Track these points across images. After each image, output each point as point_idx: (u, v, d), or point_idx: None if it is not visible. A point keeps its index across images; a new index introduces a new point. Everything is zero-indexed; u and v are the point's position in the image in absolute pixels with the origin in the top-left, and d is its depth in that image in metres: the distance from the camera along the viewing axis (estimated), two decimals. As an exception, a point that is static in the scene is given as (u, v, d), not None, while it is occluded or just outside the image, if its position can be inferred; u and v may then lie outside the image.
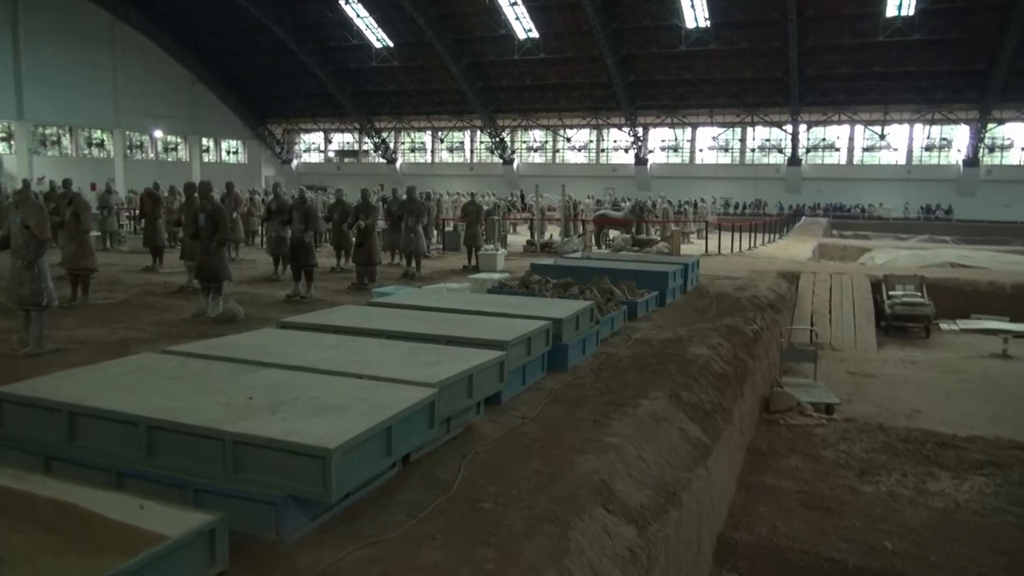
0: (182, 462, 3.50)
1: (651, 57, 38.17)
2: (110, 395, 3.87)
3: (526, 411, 5.35)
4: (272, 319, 9.05)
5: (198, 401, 3.81)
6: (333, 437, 3.30)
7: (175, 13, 39.71)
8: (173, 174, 39.70)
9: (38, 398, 3.81)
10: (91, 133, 40.50)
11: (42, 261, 6.67)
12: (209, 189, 8.75)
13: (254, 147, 49.25)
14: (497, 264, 13.81)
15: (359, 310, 6.89)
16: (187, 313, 9.10)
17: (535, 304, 7.46)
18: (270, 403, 3.81)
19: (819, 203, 40.30)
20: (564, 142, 45.74)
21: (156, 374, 4.33)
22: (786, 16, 32.70)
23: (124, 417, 3.60)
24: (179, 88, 42.74)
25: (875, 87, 36.94)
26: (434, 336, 5.63)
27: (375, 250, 11.39)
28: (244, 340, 5.39)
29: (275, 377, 4.32)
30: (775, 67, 36.80)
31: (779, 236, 27.11)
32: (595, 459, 4.37)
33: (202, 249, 8.57)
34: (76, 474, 3.62)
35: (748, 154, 43.07)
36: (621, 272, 10.35)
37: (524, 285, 10.12)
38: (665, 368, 6.66)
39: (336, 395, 3.98)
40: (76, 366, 6.51)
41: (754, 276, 13.77)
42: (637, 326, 8.70)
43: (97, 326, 8.20)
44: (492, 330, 5.83)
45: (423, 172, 46.77)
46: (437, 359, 4.84)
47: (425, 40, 38.40)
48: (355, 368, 4.57)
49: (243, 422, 3.50)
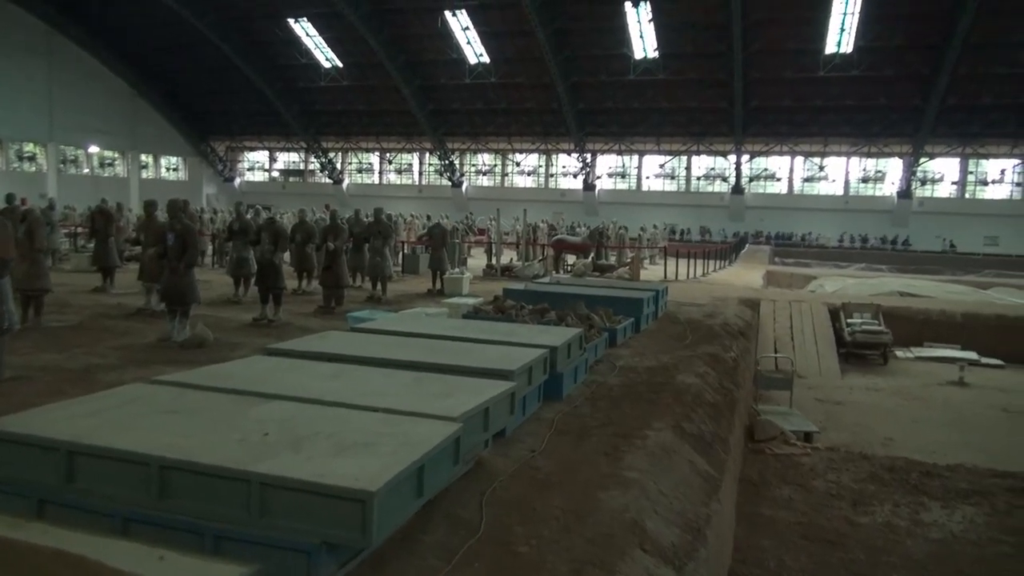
0: (199, 506, 3.21)
1: (600, 85, 38.78)
2: (110, 431, 3.55)
3: (532, 443, 5.18)
4: (241, 343, 8.68)
5: (209, 438, 3.53)
6: (371, 478, 3.08)
7: (116, 26, 38.51)
8: (109, 190, 38.25)
9: (31, 435, 3.47)
10: (22, 146, 38.77)
11: (4, 282, 6.21)
12: (180, 208, 8.36)
13: (195, 164, 47.97)
14: (463, 288, 13.63)
15: (346, 336, 6.63)
16: (150, 337, 8.64)
17: (524, 331, 7.32)
18: (289, 440, 3.55)
19: (762, 231, 41.36)
20: (514, 166, 45.95)
21: (153, 407, 4.01)
22: (732, 49, 33.68)
23: (133, 456, 3.29)
24: (118, 102, 41.38)
25: (815, 120, 38.30)
26: (434, 365, 5.43)
27: (343, 272, 11.08)
28: (237, 369, 5.09)
29: (284, 410, 4.05)
30: (720, 98, 37.82)
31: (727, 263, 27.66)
32: (620, 495, 4.23)
33: (170, 270, 8.16)
34: (74, 519, 3.30)
35: (693, 182, 44.01)
36: (595, 298, 10.29)
37: (499, 310, 9.96)
38: (659, 398, 6.59)
39: (356, 430, 3.74)
40: (39, 395, 6.08)
41: (717, 303, 13.92)
42: (618, 353, 8.63)
43: (55, 351, 7.69)
44: (491, 358, 5.66)
45: (370, 193, 46.21)
46: (446, 390, 4.64)
47: (376, 61, 38.17)
48: (364, 400, 4.34)
49: (267, 461, 3.24)
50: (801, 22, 32.99)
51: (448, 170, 45.23)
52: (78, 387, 6.37)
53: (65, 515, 3.34)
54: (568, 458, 4.88)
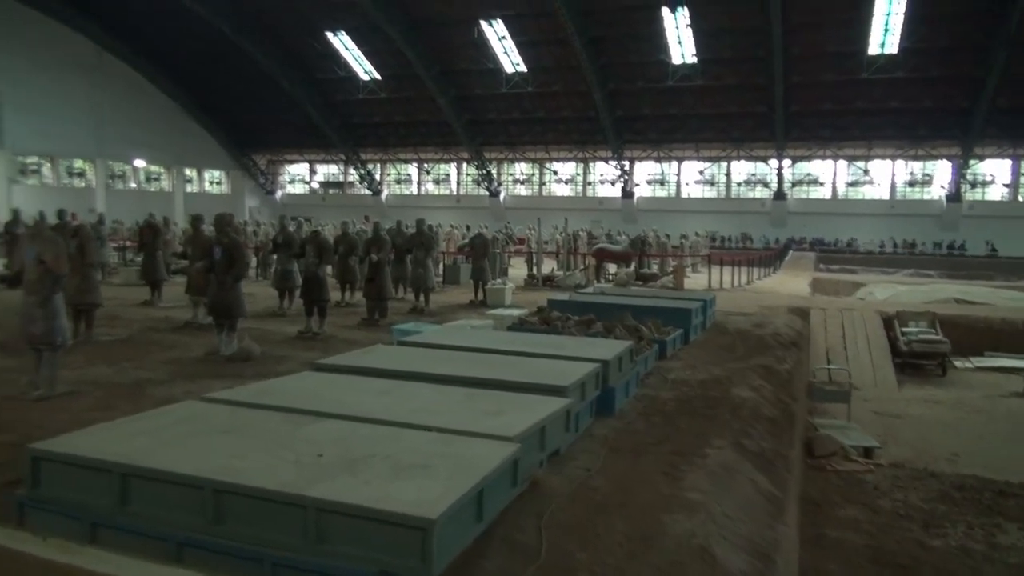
0: (254, 531, 3.12)
1: (638, 92, 38.50)
2: (163, 453, 3.48)
3: (587, 461, 5.00)
4: (288, 356, 8.65)
5: (264, 459, 3.44)
6: (431, 504, 2.95)
7: (162, 43, 39.39)
8: (155, 204, 39.05)
9: (84, 457, 3.41)
10: (72, 162, 39.81)
11: (57, 298, 6.25)
12: (226, 222, 8.38)
13: (238, 177, 48.78)
14: (505, 298, 13.50)
15: (394, 351, 6.53)
16: (197, 350, 8.66)
17: (573, 344, 7.15)
18: (344, 461, 3.44)
19: (805, 237, 40.58)
20: (551, 175, 45.82)
21: (206, 426, 3.94)
22: (772, 53, 33.16)
23: (186, 479, 3.21)
24: (163, 118, 42.28)
25: (858, 123, 37.50)
26: (485, 380, 5.29)
27: (387, 284, 11.03)
28: (287, 386, 5.01)
29: (337, 430, 3.95)
30: (760, 103, 37.25)
31: (771, 270, 27.10)
32: (684, 519, 4.03)
33: (218, 284, 8.17)
34: (128, 543, 3.23)
35: (733, 188, 43.39)
36: (642, 308, 10.07)
37: (545, 322, 9.80)
38: (715, 413, 6.36)
39: (410, 451, 3.62)
40: (90, 410, 6.09)
41: (766, 312, 13.57)
42: (668, 365, 8.41)
43: (105, 365, 7.73)
44: (544, 373, 5.51)
45: (409, 204, 46.50)
46: (500, 407, 4.51)
47: (413, 73, 38.42)
48: (417, 418, 4.22)
49: (322, 485, 3.13)
50: (843, 24, 32.34)
51: (485, 180, 45.28)
52: (128, 402, 6.38)
53: (119, 539, 3.28)
54: (626, 478, 4.70)
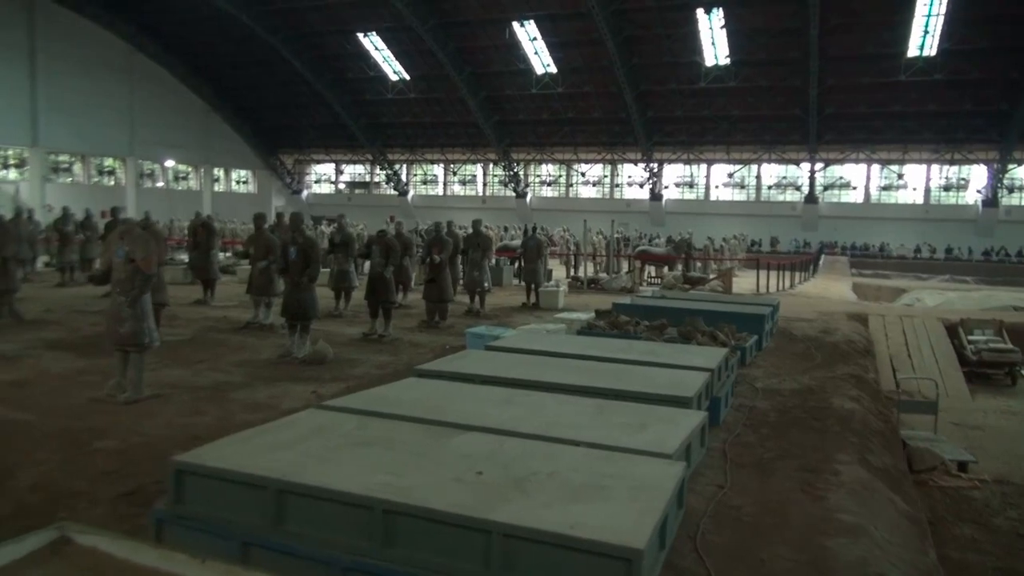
0: (426, 555, 2.89)
1: (670, 93, 38.11)
2: (317, 468, 3.26)
3: (713, 476, 4.75)
4: (359, 360, 8.45)
5: (423, 476, 3.21)
6: (630, 532, 2.70)
7: (193, 44, 39.50)
8: (183, 203, 39.21)
9: (236, 472, 3.19)
10: (102, 161, 40.00)
11: (145, 298, 6.07)
12: (300, 221, 8.19)
13: (265, 177, 48.86)
14: (559, 301, 13.27)
15: (488, 356, 6.31)
16: (267, 352, 8.48)
17: (666, 350, 6.91)
18: (507, 480, 3.20)
19: (837, 241, 40.03)
20: (578, 176, 45.52)
21: (344, 438, 3.72)
22: (807, 55, 32.69)
23: (353, 499, 2.98)
24: (193, 118, 42.40)
25: (894, 126, 36.89)
26: (603, 389, 5.05)
27: (447, 286, 10.80)
28: (402, 393, 4.78)
29: (482, 443, 3.72)
30: (793, 105, 36.75)
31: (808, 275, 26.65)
32: (850, 544, 3.77)
33: (292, 284, 7.98)
34: (285, 566, 3.02)
35: (764, 191, 42.88)
36: (714, 314, 9.79)
37: (614, 326, 9.55)
38: (824, 425, 6.09)
39: (572, 469, 3.38)
40: (180, 414, 5.90)
41: (825, 318, 13.27)
42: (750, 373, 8.14)
43: (179, 367, 7.56)
44: (659, 382, 5.27)
45: (434, 204, 46.35)
46: (638, 420, 4.26)
47: (442, 73, 38.26)
48: (559, 432, 3.99)
49: (504, 508, 2.89)
50: (881, 26, 31.81)
51: (512, 181, 45.04)
52: (215, 406, 6.20)
53: (273, 560, 3.06)
54: (763, 496, 4.44)
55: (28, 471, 4.42)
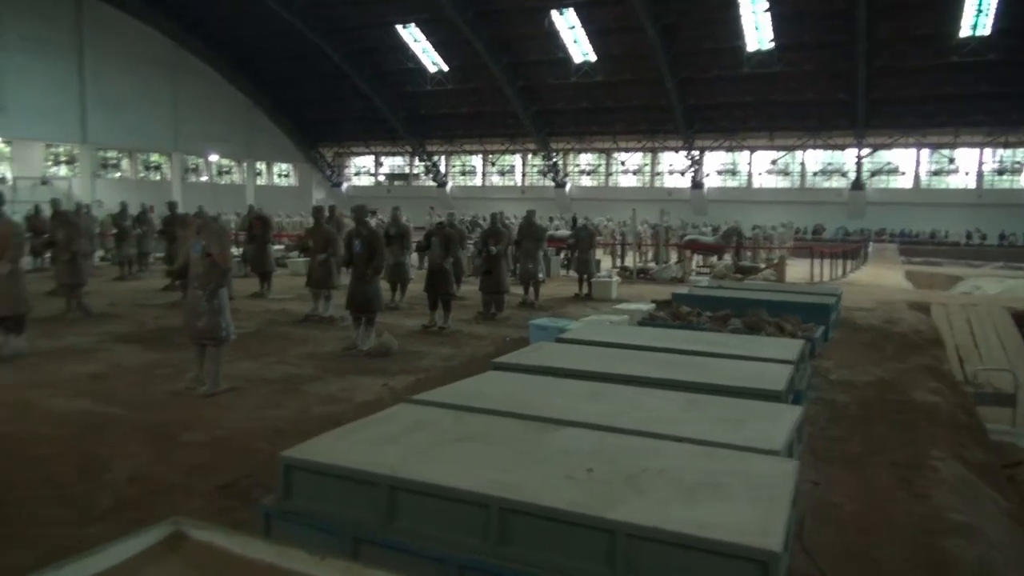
0: (542, 555, 2.83)
1: (711, 80, 37.50)
2: (425, 464, 3.22)
3: (804, 472, 4.62)
4: (423, 352, 8.44)
5: (533, 474, 3.16)
6: (762, 532, 2.62)
7: (234, 39, 39.96)
8: (227, 197, 39.78)
9: (348, 468, 3.18)
10: (148, 156, 40.74)
11: (223, 292, 6.12)
12: (364, 213, 8.20)
13: (305, 170, 49.36)
14: (612, 292, 13.14)
15: (563, 349, 6.23)
16: (331, 345, 8.53)
17: (739, 342, 6.76)
18: (619, 478, 3.13)
19: (885, 228, 39.14)
20: (618, 165, 45.13)
21: (442, 434, 3.68)
22: (855, 38, 31.90)
23: (468, 496, 2.94)
24: (235, 112, 42.93)
25: (945, 109, 35.79)
26: (686, 383, 4.95)
27: (504, 278, 10.76)
28: (488, 388, 4.74)
29: (583, 439, 3.66)
30: (840, 89, 35.93)
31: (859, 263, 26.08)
32: (966, 545, 3.63)
33: (356, 277, 8.00)
34: (397, 562, 2.98)
35: (808, 178, 42.07)
36: (777, 304, 9.59)
37: (677, 317, 9.42)
38: (909, 419, 5.91)
39: (681, 467, 3.30)
40: (259, 407, 5.94)
41: (885, 307, 12.94)
42: (820, 365, 7.95)
43: (248, 360, 7.64)
44: (741, 375, 5.14)
45: (473, 195, 46.40)
46: (735, 415, 4.15)
47: (480, 63, 38.16)
48: (657, 427, 3.90)
49: (621, 507, 2.82)
50: (932, 7, 30.88)
51: (551, 171, 44.84)
52: (291, 399, 6.24)
53: (385, 557, 3.03)
54: (861, 492, 4.31)
55: (123, 464, 4.48)
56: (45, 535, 3.50)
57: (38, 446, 4.75)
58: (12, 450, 4.64)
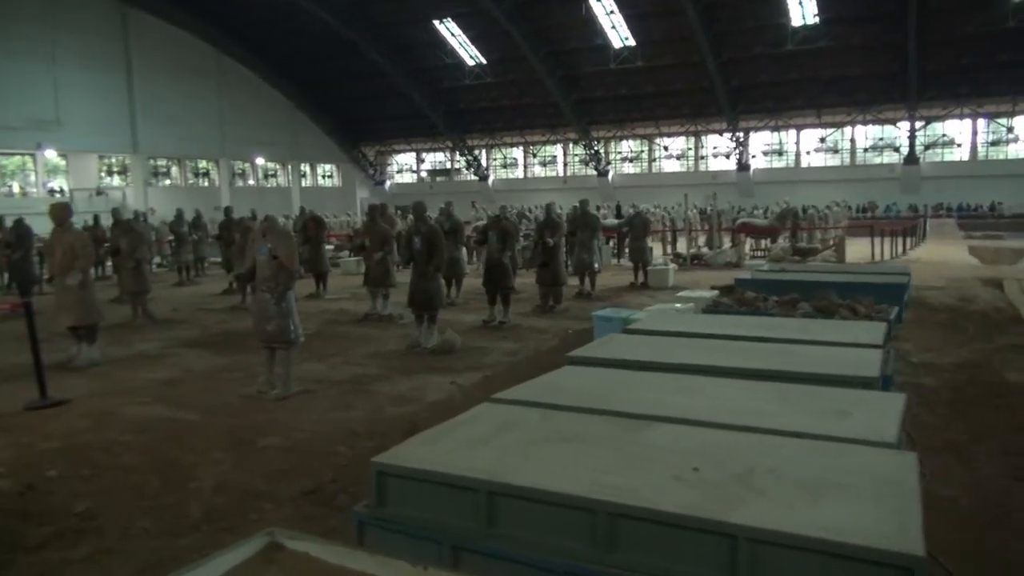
0: (654, 561, 2.68)
1: (755, 59, 36.70)
2: (522, 467, 3.09)
3: (907, 463, 4.38)
4: (487, 348, 8.35)
5: (638, 475, 3.00)
6: (900, 535, 2.42)
7: (275, 44, 40.40)
8: (273, 200, 40.36)
9: (443, 473, 3.07)
10: (197, 163, 41.52)
11: (291, 294, 6.10)
12: (424, 210, 8.12)
13: (348, 170, 49.80)
14: (668, 279, 12.89)
15: (636, 340, 6.03)
16: (394, 344, 8.49)
17: (819, 327, 6.47)
18: (729, 477, 2.96)
19: (942, 203, 37.92)
20: (661, 151, 44.52)
21: (533, 434, 3.55)
22: (905, 8, 30.86)
23: (574, 501, 2.81)
24: (278, 116, 43.49)
25: (1002, 77, 34.43)
26: (773, 372, 4.73)
27: (561, 270, 10.61)
28: (568, 383, 4.58)
29: (678, 436, 3.48)
30: (890, 62, 34.84)
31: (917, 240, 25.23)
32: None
33: (417, 274, 7.93)
34: (499, 571, 2.87)
35: (858, 154, 40.94)
36: (842, 285, 9.24)
37: (742, 303, 9.14)
38: (1010, 402, 5.60)
39: (791, 463, 3.10)
40: (332, 408, 5.90)
41: (956, 284, 12.44)
42: (899, 347, 7.62)
43: (314, 361, 7.63)
44: (829, 362, 4.90)
45: (515, 188, 46.29)
46: (833, 405, 3.92)
47: (519, 55, 37.97)
48: (748, 419, 3.69)
49: (741, 509, 2.66)
50: (986, -30, 29.74)
51: (593, 159, 44.46)
52: (360, 399, 6.20)
53: (486, 565, 2.93)
54: (974, 484, 4.06)
55: (207, 471, 4.47)
56: (141, 547, 3.48)
57: (122, 455, 4.78)
58: (98, 460, 4.67)
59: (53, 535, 3.60)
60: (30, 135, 31.23)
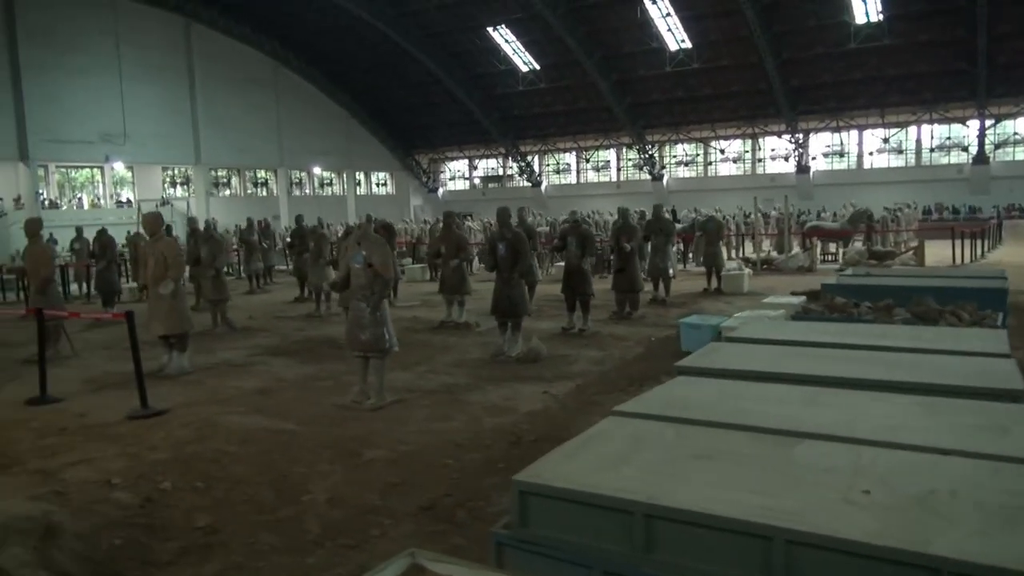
0: (835, 594, 2.48)
1: (815, 58, 35.89)
2: (672, 488, 2.92)
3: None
4: (571, 356, 8.18)
5: (804, 498, 2.80)
6: None
7: (330, 53, 41.02)
8: (329, 208, 40.85)
9: (592, 493, 2.91)
10: (255, 173, 42.36)
11: (385, 303, 6.03)
12: (508, 216, 8.02)
13: (402, 178, 50.23)
14: (743, 285, 12.56)
15: (741, 349, 5.79)
16: (476, 352, 8.39)
17: (932, 335, 6.15)
18: (906, 501, 2.74)
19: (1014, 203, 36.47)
20: (717, 154, 43.82)
21: (673, 451, 3.37)
22: (974, 2, 29.77)
23: (743, 527, 2.62)
24: (334, 125, 44.11)
25: (1080, 71, 33.04)
26: (904, 384, 4.46)
27: (637, 275, 10.40)
28: (687, 395, 4.39)
29: (831, 454, 3.26)
30: (958, 58, 33.67)
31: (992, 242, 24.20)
32: None
33: (502, 281, 7.81)
34: (659, 598, 2.70)
35: (924, 154, 39.64)
36: (939, 290, 8.82)
37: (832, 308, 8.81)
38: None
39: (971, 485, 2.86)
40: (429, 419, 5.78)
41: (1052, 289, 11.83)
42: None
43: (400, 370, 7.57)
44: (962, 373, 4.61)
45: (568, 194, 46.09)
46: (985, 419, 3.66)
47: (572, 60, 37.80)
48: (901, 435, 3.45)
49: (938, 539, 2.44)
50: (1062, -40, 28.51)
51: (647, 164, 43.98)
52: (455, 409, 6.09)
53: (642, 591, 2.76)
54: None
55: (318, 484, 4.39)
56: (270, 566, 3.41)
57: (231, 466, 4.74)
58: (209, 471, 4.64)
59: (180, 551, 3.55)
60: (99, 148, 32.27)
